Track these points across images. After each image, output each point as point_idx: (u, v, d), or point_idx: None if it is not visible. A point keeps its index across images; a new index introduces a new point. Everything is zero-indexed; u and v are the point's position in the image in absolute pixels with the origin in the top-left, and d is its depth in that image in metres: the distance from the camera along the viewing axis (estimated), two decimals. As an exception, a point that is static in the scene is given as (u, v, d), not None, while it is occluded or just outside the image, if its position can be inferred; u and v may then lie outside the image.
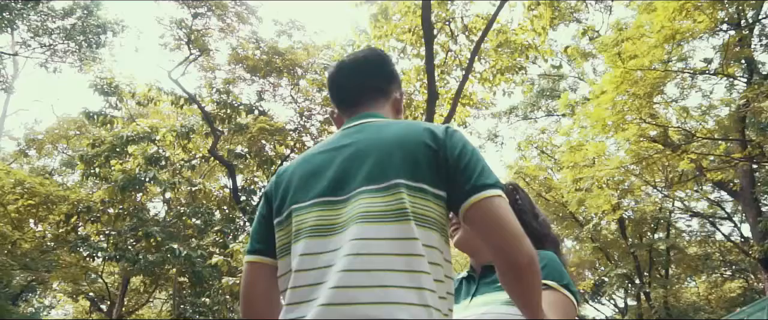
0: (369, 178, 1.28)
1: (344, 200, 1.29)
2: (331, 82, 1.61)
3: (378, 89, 1.56)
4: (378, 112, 1.51)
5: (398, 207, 1.23)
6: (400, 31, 11.17)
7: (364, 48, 1.77)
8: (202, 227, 12.71)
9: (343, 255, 1.20)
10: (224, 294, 11.36)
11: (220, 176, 15.08)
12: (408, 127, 1.38)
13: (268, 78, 13.24)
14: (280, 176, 1.46)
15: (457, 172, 1.29)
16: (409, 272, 1.18)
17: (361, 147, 1.35)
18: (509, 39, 12.03)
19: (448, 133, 1.35)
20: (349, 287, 1.17)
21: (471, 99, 13.26)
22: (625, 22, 11.92)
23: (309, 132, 13.17)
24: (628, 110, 11.49)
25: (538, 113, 19.70)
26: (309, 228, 1.29)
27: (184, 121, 12.67)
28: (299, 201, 1.35)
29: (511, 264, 1.24)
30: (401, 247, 1.20)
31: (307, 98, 13.41)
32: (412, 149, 1.30)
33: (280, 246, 1.38)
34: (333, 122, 1.65)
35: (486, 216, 1.26)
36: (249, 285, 1.42)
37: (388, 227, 1.21)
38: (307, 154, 1.46)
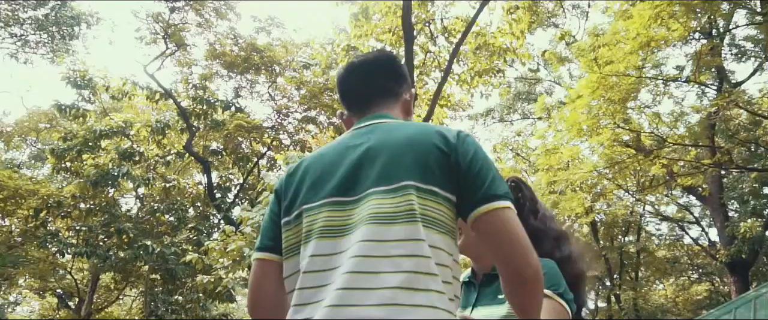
0: (379, 179, 1.28)
1: (355, 201, 1.29)
2: (340, 84, 1.59)
3: (388, 90, 1.55)
4: (388, 113, 1.51)
5: (407, 209, 1.23)
6: (380, 31, 11.18)
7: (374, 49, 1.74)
8: (175, 224, 12.54)
9: (350, 256, 1.20)
10: (197, 292, 11.23)
11: (195, 173, 14.91)
12: (420, 129, 1.38)
13: (245, 75, 13.14)
14: (290, 175, 1.44)
15: (468, 178, 1.30)
16: (416, 273, 1.18)
17: (373, 147, 1.35)
18: (488, 42, 12.11)
19: (460, 138, 1.35)
20: (355, 289, 1.17)
21: (449, 100, 13.33)
22: (601, 29, 12.10)
23: (286, 130, 13.10)
24: (602, 115, 11.67)
25: (514, 116, 19.89)
26: (319, 229, 1.28)
27: (159, 116, 12.49)
28: (309, 201, 1.34)
29: (517, 276, 1.25)
30: (409, 249, 1.20)
31: (285, 96, 13.35)
32: (423, 151, 1.30)
33: (287, 246, 1.37)
34: (342, 123, 1.64)
35: (495, 228, 1.26)
36: (258, 282, 1.40)
37: (396, 228, 1.21)
38: (317, 153, 1.46)
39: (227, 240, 8.80)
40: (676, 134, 13.88)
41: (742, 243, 13.66)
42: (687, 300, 19.99)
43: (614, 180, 15.60)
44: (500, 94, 14.65)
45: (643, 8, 9.61)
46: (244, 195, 13.12)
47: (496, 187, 1.30)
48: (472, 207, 1.28)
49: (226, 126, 12.22)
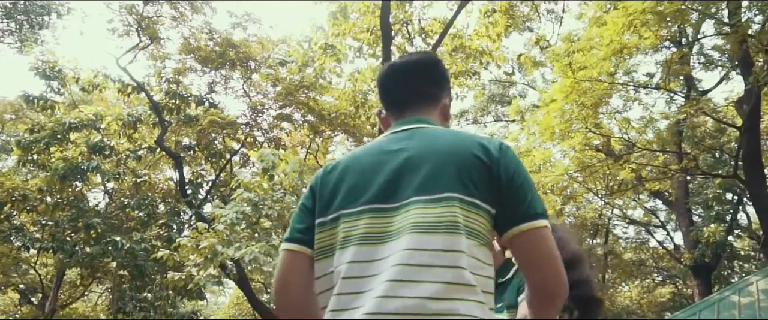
0: (421, 188, 1.28)
1: (395, 208, 1.29)
2: (381, 84, 1.59)
3: (428, 94, 1.54)
4: (427, 117, 1.49)
5: (450, 220, 1.23)
6: (358, 30, 11.18)
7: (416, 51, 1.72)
8: (145, 220, 12.34)
9: (392, 264, 1.21)
10: (167, 289, 11.08)
11: (166, 168, 14.69)
12: (461, 138, 1.38)
13: (220, 70, 12.99)
14: (327, 174, 1.44)
15: (509, 193, 1.30)
16: (457, 284, 1.19)
17: (414, 155, 1.34)
18: (464, 44, 12.21)
19: (502, 150, 1.35)
20: (396, 297, 1.17)
21: (424, 101, 13.37)
22: (576, 34, 12.29)
23: (260, 127, 13.00)
24: (575, 119, 11.86)
25: (487, 118, 20.07)
26: (359, 236, 1.28)
27: (130, 110, 12.28)
28: (347, 206, 1.33)
29: (550, 294, 1.30)
30: (451, 260, 1.20)
31: (260, 92, 13.24)
32: (466, 162, 1.31)
33: (319, 247, 1.36)
34: (379, 122, 1.63)
35: (534, 246, 1.29)
36: (287, 273, 1.39)
37: (439, 238, 1.21)
38: (355, 155, 1.45)
39: (199, 237, 8.71)
40: (645, 140, 14.19)
41: (705, 247, 14.03)
42: (651, 302, 20.44)
43: (584, 183, 15.90)
44: (475, 96, 14.76)
45: (617, 16, 9.78)
46: (217, 191, 12.99)
47: (537, 205, 1.32)
48: (513, 224, 1.29)
49: (200, 121, 12.07)
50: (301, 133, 14.39)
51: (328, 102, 13.18)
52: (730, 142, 15.22)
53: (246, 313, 21.57)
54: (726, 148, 15.43)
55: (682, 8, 10.04)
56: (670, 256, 18.39)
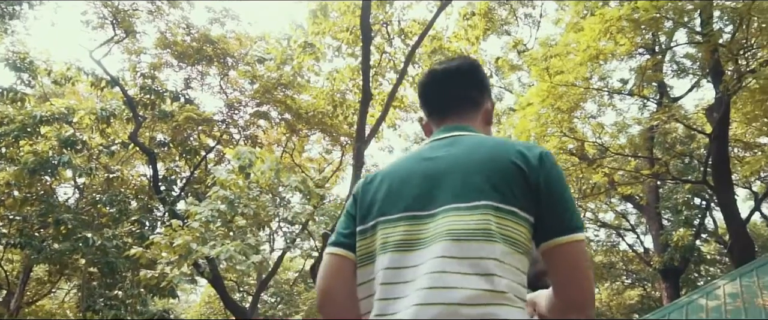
0: (457, 196, 1.28)
1: (430, 215, 1.29)
2: (422, 90, 1.58)
3: (469, 99, 1.54)
4: (468, 124, 1.50)
5: (485, 228, 1.24)
6: (338, 30, 11.16)
7: (457, 56, 1.72)
8: (117, 216, 12.13)
9: (427, 271, 1.22)
10: (139, 286, 10.91)
11: (140, 164, 14.47)
12: (500, 146, 1.37)
13: (196, 66, 12.84)
14: (368, 183, 1.45)
15: (549, 203, 1.30)
16: (491, 292, 1.19)
17: (451, 162, 1.35)
18: (443, 46, 12.28)
19: (543, 159, 1.34)
20: (432, 304, 1.19)
21: (402, 102, 13.42)
22: (553, 39, 12.43)
23: (237, 124, 12.88)
24: (550, 123, 12.00)
25: (464, 120, 20.15)
26: (395, 243, 1.30)
27: (104, 104, 12.05)
28: (386, 213, 1.35)
29: (581, 307, 1.31)
30: (485, 267, 1.21)
31: (237, 89, 13.12)
32: (503, 169, 1.30)
33: (361, 254, 1.38)
34: (422, 129, 1.63)
35: (572, 259, 1.30)
36: (332, 276, 1.41)
37: (474, 246, 1.22)
38: (395, 164, 1.46)
39: (173, 234, 8.60)
40: (618, 144, 14.43)
41: (674, 250, 14.32)
42: (620, 304, 20.79)
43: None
44: (453, 98, 14.83)
45: (594, 22, 9.93)
46: (191, 188, 12.83)
47: (576, 218, 1.32)
48: (552, 235, 1.29)
49: (175, 117, 11.92)
50: (278, 131, 14.30)
51: (305, 100, 13.13)
52: (699, 149, 15.56)
53: (217, 312, 21.36)
54: (695, 154, 15.78)
55: (657, 16, 10.23)
56: (640, 259, 18.74)
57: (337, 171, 16.39)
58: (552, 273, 1.33)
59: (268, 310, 20.36)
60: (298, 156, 16.08)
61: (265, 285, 13.87)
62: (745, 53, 11.03)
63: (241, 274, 18.10)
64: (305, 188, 9.44)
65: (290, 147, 15.26)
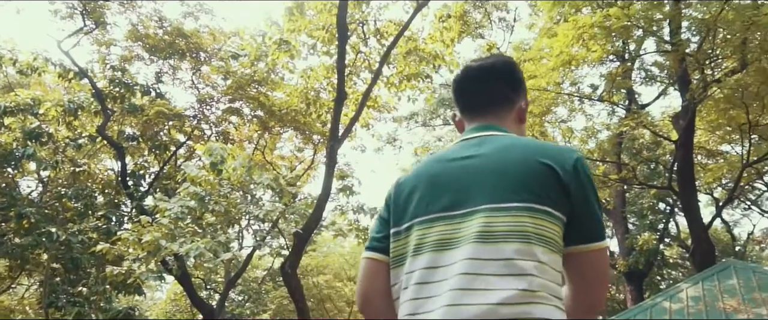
0: (491, 196, 1.29)
1: (464, 215, 1.30)
2: (456, 86, 1.59)
3: (504, 98, 1.54)
4: (501, 124, 1.50)
5: (521, 228, 1.24)
6: (314, 28, 11.10)
7: (492, 54, 1.72)
8: (82, 211, 11.86)
9: (461, 272, 1.23)
10: (104, 283, 10.68)
11: (107, 158, 14.16)
12: (534, 146, 1.38)
13: (168, 60, 12.64)
14: (400, 185, 1.46)
15: (578, 207, 1.32)
16: (527, 291, 1.20)
17: (485, 163, 1.35)
18: (418, 47, 12.31)
19: (576, 163, 1.35)
20: (466, 304, 1.20)
21: (376, 101, 13.42)
22: (527, 44, 12.58)
23: (208, 120, 12.72)
24: (521, 126, 12.15)
25: (436, 121, 20.29)
26: (432, 243, 1.31)
27: (71, 95, 11.77)
28: (420, 214, 1.36)
29: (595, 309, 1.37)
30: (521, 267, 1.21)
31: (210, 85, 12.95)
32: (536, 170, 1.31)
33: (395, 255, 1.39)
34: (454, 125, 1.62)
35: (595, 265, 1.34)
36: (370, 280, 1.44)
37: (509, 246, 1.23)
38: (426, 164, 1.46)
39: (142, 230, 8.46)
40: (587, 149, 14.68)
41: (639, 254, 14.64)
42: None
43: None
44: (426, 100, 14.89)
45: (567, 28, 10.08)
46: (160, 184, 12.62)
47: (602, 225, 1.36)
48: (580, 241, 1.32)
49: (145, 112, 11.71)
50: (250, 128, 14.17)
51: (278, 98, 13.03)
52: (665, 155, 15.94)
53: (184, 310, 21.07)
54: (661, 160, 16.15)
55: (628, 24, 10.44)
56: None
57: (308, 169, 16.32)
58: (575, 277, 1.35)
59: (235, 308, 20.13)
60: (270, 153, 15.96)
61: (233, 283, 13.74)
62: (711, 63, 11.34)
63: (209, 272, 17.89)
64: (277, 186, 9.38)
65: (262, 144, 15.14)
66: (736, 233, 21.17)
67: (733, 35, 10.31)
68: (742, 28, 9.61)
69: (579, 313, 1.36)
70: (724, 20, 10.03)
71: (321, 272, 20.41)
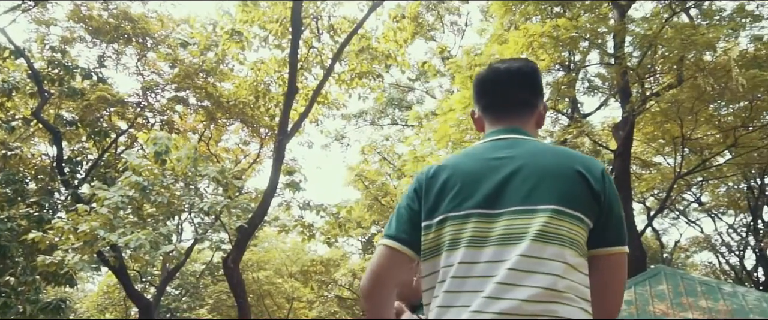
0: (525, 198, 1.35)
1: (498, 214, 1.35)
2: (482, 85, 1.61)
3: (527, 102, 1.57)
4: (524, 128, 1.54)
5: (554, 231, 1.31)
6: (267, 20, 10.95)
7: (517, 58, 1.80)
8: (12, 197, 11.29)
9: (498, 268, 1.29)
10: (33, 273, 10.20)
11: (41, 143, 13.53)
12: (566, 154, 1.45)
13: (112, 44, 12.19)
14: (431, 178, 1.47)
15: (605, 213, 1.39)
16: (554, 291, 1.27)
17: (520, 166, 1.40)
18: (371, 46, 12.33)
19: (604, 173, 1.43)
20: (499, 299, 1.26)
21: (326, 98, 13.36)
22: (478, 49, 12.79)
23: (152, 108, 12.33)
24: (469, 129, 12.34)
25: (385, 120, 20.37)
26: (467, 239, 1.35)
27: (4, 75, 11.19)
28: (454, 210, 1.39)
29: (613, 312, 1.43)
30: (552, 268, 1.28)
31: (155, 72, 12.57)
32: (571, 177, 1.38)
33: (427, 248, 1.42)
34: (472, 122, 1.66)
35: (618, 269, 1.42)
36: (387, 267, 1.46)
37: (543, 247, 1.29)
38: (456, 161, 1.48)
39: (78, 219, 8.14)
40: (530, 155, 15.05)
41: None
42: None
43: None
44: (376, 99, 14.94)
45: (519, 36, 10.32)
46: (98, 172, 12.15)
47: (625, 231, 1.42)
48: (604, 244, 1.40)
49: (86, 96, 11.25)
50: (195, 119, 13.84)
51: (227, 89, 12.78)
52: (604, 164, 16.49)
53: (117, 302, 20.39)
54: (599, 168, 16.69)
55: (575, 36, 10.78)
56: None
57: (254, 163, 16.09)
58: (596, 278, 1.40)
59: (171, 303, 19.63)
60: (215, 145, 15.64)
61: (172, 276, 13.40)
62: (651, 77, 11.84)
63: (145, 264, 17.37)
64: (223, 179, 9.21)
65: (207, 136, 14.82)
66: (665, 241, 22.21)
67: (671, 52, 10.80)
68: (679, 46, 10.08)
69: (599, 313, 1.41)
70: (664, 38, 10.50)
71: (262, 267, 20.15)
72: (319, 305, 20.60)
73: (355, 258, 22.19)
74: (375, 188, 19.32)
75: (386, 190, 19.27)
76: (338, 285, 20.57)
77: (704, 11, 12.10)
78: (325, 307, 20.07)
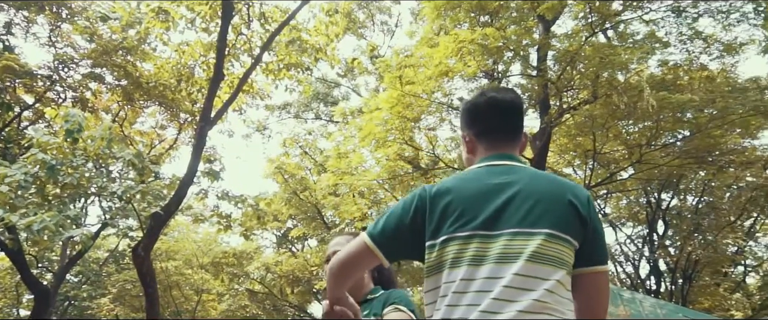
0: (521, 221, 1.50)
1: (497, 236, 1.49)
2: (477, 112, 1.75)
3: (519, 131, 1.76)
4: (515, 154, 1.72)
5: (545, 252, 1.46)
6: (196, 1, 10.58)
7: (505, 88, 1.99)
8: None
9: (491, 285, 1.43)
10: None
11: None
12: (557, 182, 1.62)
13: (22, 11, 11.36)
14: (433, 199, 1.59)
15: (590, 236, 1.56)
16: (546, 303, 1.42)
17: (519, 191, 1.55)
18: (302, 38, 12.20)
19: (590, 200, 1.60)
20: (496, 312, 1.40)
21: (252, 87, 13.10)
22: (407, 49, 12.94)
23: (65, 83, 11.60)
24: (394, 129, 12.47)
25: (309, 114, 20.19)
26: (469, 258, 1.49)
27: None
28: (457, 231, 1.52)
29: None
30: (546, 285, 1.43)
31: (70, 45, 11.83)
32: (563, 204, 1.54)
33: (430, 265, 1.56)
34: (463, 145, 1.81)
35: (599, 285, 1.58)
36: (359, 260, 1.63)
37: (536, 267, 1.44)
38: (457, 184, 1.61)
39: (-26, 197, 7.54)
40: (449, 158, 15.40)
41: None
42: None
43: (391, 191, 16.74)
44: (303, 91, 14.78)
45: (449, 41, 10.53)
46: (-3, 147, 11.30)
47: (606, 251, 1.60)
48: (590, 263, 1.57)
49: (-11, 65, 10.42)
50: (111, 98, 13.16)
51: (148, 70, 12.24)
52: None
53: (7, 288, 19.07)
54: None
55: (501, 46, 11.14)
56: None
57: (170, 148, 15.50)
58: (582, 295, 1.56)
59: (70, 290, 18.54)
60: (129, 127, 14.94)
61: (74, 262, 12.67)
62: (569, 92, 12.41)
63: (43, 249, 16.34)
64: (140, 162, 8.81)
65: (121, 116, 14.12)
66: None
67: (588, 69, 11.37)
68: (598, 64, 10.64)
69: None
70: (583, 55, 11.05)
71: (170, 257, 19.43)
72: (229, 298, 20.12)
73: (268, 252, 21.86)
74: (294, 182, 19.09)
75: (305, 185, 19.09)
76: (250, 279, 20.19)
77: (620, 33, 12.84)
78: (236, 300, 19.64)
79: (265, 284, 20.18)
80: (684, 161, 13.08)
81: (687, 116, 11.95)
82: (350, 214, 15.13)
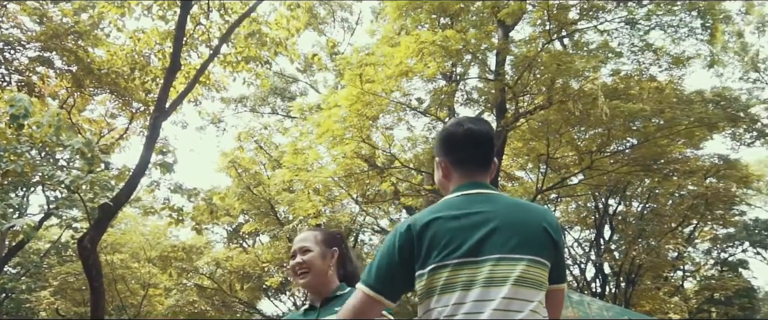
0: (502, 247, 1.65)
1: (481, 262, 1.63)
2: (453, 141, 1.86)
3: (490, 159, 1.87)
4: (487, 181, 1.85)
5: (525, 276, 1.63)
6: (155, -12, 10.30)
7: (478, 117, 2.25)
8: None
9: (493, 308, 1.57)
10: None
11: None
12: (532, 210, 1.79)
13: (-34, -12, 10.84)
14: (420, 232, 1.70)
15: (558, 258, 1.78)
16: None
17: (499, 220, 1.69)
18: (262, 31, 12.03)
19: (557, 225, 1.79)
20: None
21: (208, 78, 12.85)
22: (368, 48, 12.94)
23: (11, 65, 11.12)
24: (351, 127, 12.45)
25: (265, 108, 19.95)
26: (462, 283, 1.62)
27: None
28: (445, 259, 1.65)
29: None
30: (530, 306, 1.61)
31: (16, 26, 11.35)
32: (538, 231, 1.72)
33: (421, 292, 1.69)
34: (437, 169, 1.92)
35: (559, 300, 1.85)
36: (363, 310, 1.75)
37: (519, 290, 1.61)
38: (439, 216, 1.72)
39: None
40: (405, 158, 15.49)
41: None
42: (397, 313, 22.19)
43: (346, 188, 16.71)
44: (261, 85, 14.58)
45: (410, 41, 10.58)
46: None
47: (566, 271, 1.88)
48: (556, 282, 1.80)
49: (-72, 43, 9.91)
50: (59, 83, 12.69)
51: (99, 56, 11.85)
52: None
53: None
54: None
55: (460, 48, 11.27)
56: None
57: (120, 138, 15.06)
58: (548, 307, 1.75)
59: (7, 283, 17.79)
60: (77, 114, 14.44)
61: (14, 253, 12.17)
62: (525, 96, 12.65)
63: (-19, 238, 15.62)
64: (89, 151, 8.51)
65: (70, 103, 13.64)
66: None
67: (544, 76, 11.63)
68: (554, 71, 10.89)
69: None
70: (540, 61, 11.29)
71: (117, 250, 18.89)
72: (177, 293, 19.68)
73: (219, 247, 21.50)
74: (248, 177, 18.84)
75: (259, 180, 18.86)
76: (199, 274, 19.82)
77: (575, 42, 13.18)
78: (184, 296, 19.22)
79: (214, 279, 19.85)
80: (632, 168, 13.52)
81: (636, 125, 12.35)
82: (305, 211, 15.04)
